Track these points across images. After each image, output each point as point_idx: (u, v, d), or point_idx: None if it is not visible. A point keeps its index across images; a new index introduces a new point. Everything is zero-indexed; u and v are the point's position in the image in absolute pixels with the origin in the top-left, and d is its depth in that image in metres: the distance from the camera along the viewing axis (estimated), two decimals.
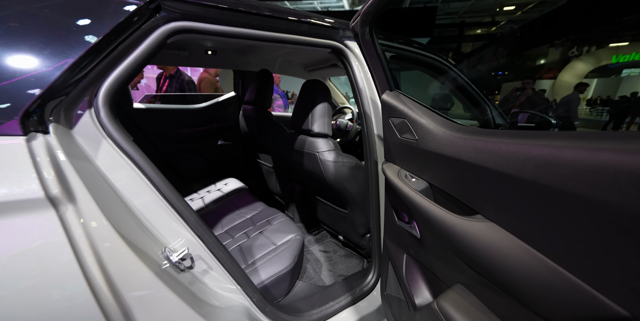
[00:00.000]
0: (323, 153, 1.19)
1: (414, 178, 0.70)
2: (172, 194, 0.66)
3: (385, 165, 0.83)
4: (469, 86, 1.45)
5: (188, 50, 1.70)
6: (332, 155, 1.19)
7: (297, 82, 2.20)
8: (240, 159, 2.43)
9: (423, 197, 0.63)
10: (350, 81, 1.10)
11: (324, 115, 1.22)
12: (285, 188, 1.91)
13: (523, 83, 4.33)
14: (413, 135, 0.69)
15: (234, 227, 1.38)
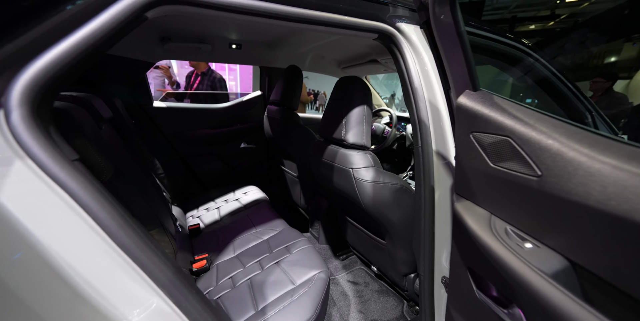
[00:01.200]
0: (359, 170, 0.92)
1: (528, 242, 0.41)
2: (134, 243, 0.43)
3: (462, 204, 0.54)
4: (563, 85, 1.08)
5: (210, 43, 1.53)
6: (370, 174, 0.91)
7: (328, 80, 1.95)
8: (263, 164, 2.25)
9: (555, 286, 0.34)
10: (402, 77, 0.82)
11: (362, 122, 0.95)
12: (310, 202, 1.67)
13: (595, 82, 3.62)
14: (530, 167, 0.40)
15: (247, 251, 1.17)
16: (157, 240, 0.97)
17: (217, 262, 1.13)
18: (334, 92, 1.06)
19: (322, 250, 1.59)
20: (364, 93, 0.96)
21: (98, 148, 0.83)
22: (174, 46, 1.47)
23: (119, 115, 1.25)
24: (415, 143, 0.81)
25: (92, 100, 0.94)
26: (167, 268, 0.47)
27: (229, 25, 1.35)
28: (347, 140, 0.96)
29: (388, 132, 2.04)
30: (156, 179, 1.54)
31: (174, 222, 1.28)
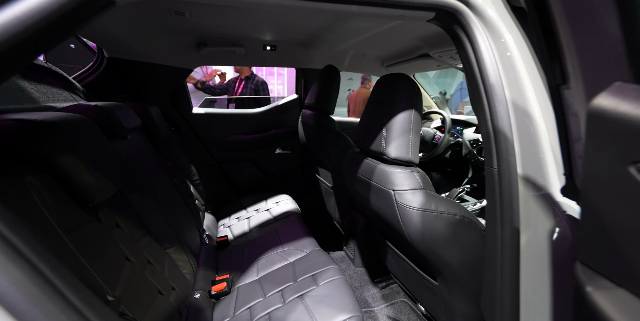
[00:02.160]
0: (403, 193, 0.72)
1: None
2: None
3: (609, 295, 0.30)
4: None
5: (244, 46, 1.46)
6: (418, 198, 0.70)
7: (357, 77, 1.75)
8: (298, 171, 2.13)
9: None
10: (469, 71, 0.59)
11: (408, 131, 0.74)
12: (346, 217, 1.49)
13: None
14: None
15: (271, 274, 1.04)
16: (175, 259, 0.89)
17: (239, 285, 1.02)
18: (374, 93, 0.86)
19: (358, 275, 1.39)
20: (411, 94, 0.75)
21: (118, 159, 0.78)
22: (208, 51, 1.43)
23: (152, 122, 1.23)
24: (488, 162, 0.58)
25: (117, 109, 0.90)
26: None
27: (263, 25, 1.26)
28: (387, 154, 0.76)
29: (439, 138, 1.74)
30: (190, 186, 1.53)
31: (200, 234, 1.23)
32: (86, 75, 1.39)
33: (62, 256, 0.41)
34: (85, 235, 0.53)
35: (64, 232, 0.46)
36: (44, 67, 1.12)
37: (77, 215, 0.54)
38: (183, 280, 0.87)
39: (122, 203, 0.75)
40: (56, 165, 0.50)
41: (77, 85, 1.28)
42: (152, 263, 0.74)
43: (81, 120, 0.62)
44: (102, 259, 0.55)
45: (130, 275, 0.62)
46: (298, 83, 1.95)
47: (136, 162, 0.95)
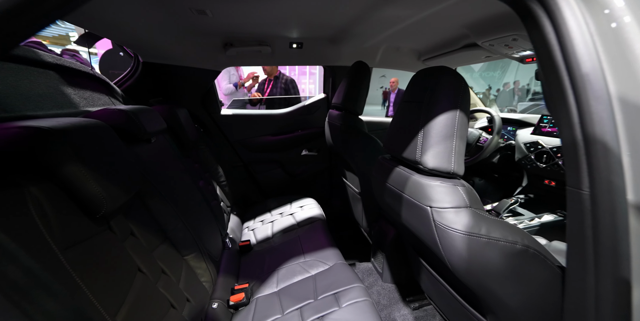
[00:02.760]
0: (443, 211, 0.59)
1: None
2: None
3: None
4: None
5: (270, 44, 1.41)
6: (463, 219, 0.57)
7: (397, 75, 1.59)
8: (325, 173, 2.05)
9: None
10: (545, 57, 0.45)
11: (452, 136, 0.61)
12: (374, 226, 1.37)
13: None
14: None
15: (291, 287, 0.97)
16: (193, 266, 0.87)
17: (258, 295, 0.98)
18: (408, 91, 0.74)
19: (386, 291, 1.27)
20: (457, 92, 0.62)
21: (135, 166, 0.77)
22: (235, 51, 1.41)
23: (179, 125, 1.24)
24: (573, 182, 0.43)
25: (142, 113, 0.90)
26: None
27: (289, 21, 1.19)
28: (424, 164, 0.63)
29: (485, 140, 1.53)
30: (217, 187, 1.53)
31: (223, 239, 1.21)
32: (125, 80, 1.45)
33: (55, 277, 0.38)
34: (91, 248, 0.51)
35: (60, 249, 0.43)
36: (88, 73, 1.18)
37: (84, 226, 0.51)
38: (200, 290, 0.84)
39: (140, 209, 0.73)
40: (61, 174, 0.48)
41: (117, 90, 1.34)
42: (167, 273, 0.71)
43: (96, 126, 0.61)
44: (108, 274, 0.52)
45: (141, 289, 0.59)
46: (325, 82, 1.86)
47: (159, 166, 0.94)
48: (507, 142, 1.50)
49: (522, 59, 1.18)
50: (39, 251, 0.39)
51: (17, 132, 0.45)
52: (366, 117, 1.98)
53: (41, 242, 0.40)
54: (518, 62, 1.21)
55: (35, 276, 0.36)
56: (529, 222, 1.22)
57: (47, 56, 0.97)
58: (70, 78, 1.06)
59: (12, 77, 0.81)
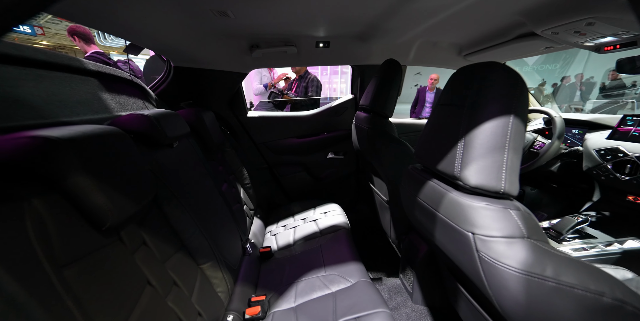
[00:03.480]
0: (490, 241, 0.47)
1: None
2: None
3: None
4: None
5: (296, 44, 1.35)
6: (518, 252, 0.45)
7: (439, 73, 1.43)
8: (351, 178, 1.96)
9: None
10: None
11: (503, 147, 0.49)
12: (403, 239, 1.25)
13: None
14: None
15: (308, 304, 0.90)
16: (209, 276, 0.84)
17: (274, 310, 0.93)
18: (445, 92, 0.62)
19: (417, 315, 1.14)
20: (511, 92, 0.49)
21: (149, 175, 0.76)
22: (260, 53, 1.38)
23: (204, 128, 1.24)
24: None
25: (164, 118, 0.90)
26: None
27: (314, 19, 1.12)
28: (464, 180, 0.52)
29: (541, 144, 1.31)
30: (241, 190, 1.53)
31: (243, 245, 1.19)
32: (159, 84, 1.51)
33: (41, 303, 0.35)
34: (95, 262, 0.49)
35: (56, 268, 0.41)
36: (126, 79, 1.24)
37: (90, 239, 0.50)
38: (215, 301, 0.81)
39: (156, 217, 0.72)
40: (66, 185, 0.46)
41: (151, 94, 1.39)
42: (178, 285, 0.68)
43: (110, 134, 0.59)
44: (112, 289, 0.50)
45: (148, 304, 0.56)
46: (354, 82, 1.76)
47: (179, 171, 0.94)
48: (570, 147, 1.26)
49: (598, 47, 0.95)
50: (28, 274, 0.37)
51: (26, 142, 0.44)
52: (397, 119, 1.84)
53: (32, 263, 0.38)
54: (591, 51, 0.99)
55: (15, 304, 0.33)
56: (604, 247, 0.98)
57: (90, 64, 1.02)
58: (109, 84, 1.11)
59: (55, 85, 0.85)
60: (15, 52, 0.74)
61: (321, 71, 6.82)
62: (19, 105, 0.70)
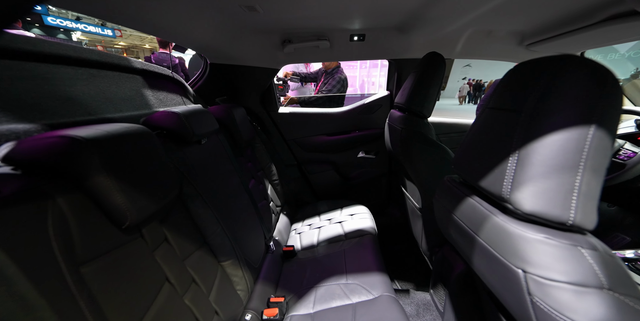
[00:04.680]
0: (549, 285, 0.37)
1: None
2: None
3: None
4: None
5: (329, 39, 1.29)
6: (594, 308, 0.34)
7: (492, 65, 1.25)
8: (382, 179, 1.86)
9: None
10: None
11: (576, 167, 0.38)
12: (435, 252, 1.14)
13: None
14: None
15: (326, 312, 0.87)
16: (229, 274, 0.85)
17: (292, 313, 0.91)
18: (497, 93, 0.52)
19: None
20: (595, 94, 0.38)
21: (181, 168, 0.77)
22: (292, 48, 1.35)
23: (234, 125, 1.26)
24: None
25: (194, 115, 0.92)
26: None
27: (349, 9, 1.05)
28: (515, 203, 0.42)
29: (630, 155, 1.07)
30: (269, 186, 1.54)
31: (266, 242, 1.19)
32: (197, 81, 1.57)
33: (50, 304, 0.36)
34: (115, 260, 0.50)
35: (74, 266, 0.42)
36: (167, 76, 1.30)
37: (112, 237, 0.51)
38: (233, 299, 0.82)
39: (179, 214, 0.73)
40: (88, 184, 0.47)
41: (190, 90, 1.45)
42: (197, 283, 0.69)
43: (135, 134, 0.60)
44: (131, 287, 0.51)
45: (166, 302, 0.57)
46: (390, 78, 1.64)
47: (206, 168, 0.95)
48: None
49: None
50: (43, 274, 0.38)
51: (54, 142, 0.46)
52: (438, 118, 1.68)
53: (49, 263, 0.39)
54: None
55: (26, 305, 0.34)
56: None
57: (136, 62, 1.08)
58: (152, 81, 1.17)
59: (104, 83, 0.92)
60: (73, 54, 0.80)
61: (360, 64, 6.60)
62: (71, 103, 0.76)
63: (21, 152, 0.45)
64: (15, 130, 0.57)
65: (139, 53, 15.67)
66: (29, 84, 0.66)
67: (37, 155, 0.45)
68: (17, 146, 0.45)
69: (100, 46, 13.32)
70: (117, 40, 13.46)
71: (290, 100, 2.51)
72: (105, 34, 12.15)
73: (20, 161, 0.45)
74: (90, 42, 12.66)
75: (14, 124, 0.58)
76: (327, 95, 2.39)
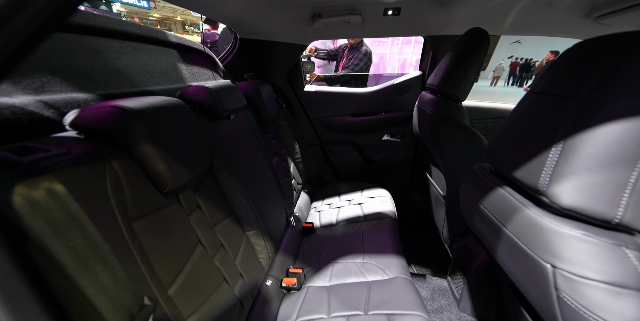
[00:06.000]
0: (581, 282, 0.36)
1: None
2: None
3: None
4: None
5: (361, 13, 1.21)
6: (630, 310, 0.33)
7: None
8: (407, 164, 1.81)
9: None
10: None
11: (629, 163, 0.34)
12: (457, 240, 1.12)
13: None
14: None
15: (342, 287, 0.91)
16: (252, 243, 0.91)
17: (309, 284, 0.97)
18: (547, 75, 0.46)
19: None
20: None
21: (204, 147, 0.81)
22: (322, 23, 1.29)
23: (260, 101, 1.27)
24: None
25: (224, 91, 0.93)
26: None
27: None
28: (552, 197, 0.39)
29: None
30: (291, 164, 1.57)
31: (287, 217, 1.24)
32: (226, 56, 1.57)
33: (113, 249, 0.41)
34: (158, 219, 0.56)
35: (127, 221, 0.47)
36: (200, 50, 1.32)
37: (155, 200, 0.56)
38: (256, 266, 0.88)
39: (209, 184, 0.78)
40: (136, 151, 0.52)
41: (220, 65, 1.47)
42: (225, 248, 0.75)
43: (173, 106, 0.63)
44: (170, 244, 0.57)
45: (198, 261, 0.64)
46: (424, 57, 1.53)
47: (234, 143, 0.99)
48: None
49: None
50: (105, 223, 0.44)
51: (109, 111, 0.50)
52: (473, 102, 1.57)
53: (108, 215, 0.45)
54: None
55: (97, 247, 0.39)
56: None
57: (172, 36, 1.10)
58: (186, 55, 1.20)
59: (145, 57, 0.95)
60: (119, 28, 0.83)
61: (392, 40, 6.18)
62: (118, 75, 0.81)
63: (83, 118, 0.50)
64: (77, 98, 0.63)
65: (171, 25, 15.97)
66: (85, 56, 0.71)
67: (96, 122, 0.49)
68: (80, 113, 0.50)
69: (136, 18, 13.78)
70: (151, 11, 13.92)
71: (317, 78, 2.45)
72: (141, 5, 12.64)
73: (83, 127, 0.50)
74: (127, 13, 13.09)
75: (75, 93, 0.64)
76: (354, 73, 2.29)
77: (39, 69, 0.59)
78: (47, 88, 0.59)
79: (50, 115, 0.56)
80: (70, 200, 0.38)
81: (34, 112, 0.54)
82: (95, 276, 0.38)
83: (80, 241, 0.38)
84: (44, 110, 0.55)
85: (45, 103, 0.56)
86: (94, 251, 0.39)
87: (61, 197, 0.37)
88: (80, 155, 0.45)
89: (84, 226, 0.39)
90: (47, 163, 0.40)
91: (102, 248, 0.40)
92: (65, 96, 0.61)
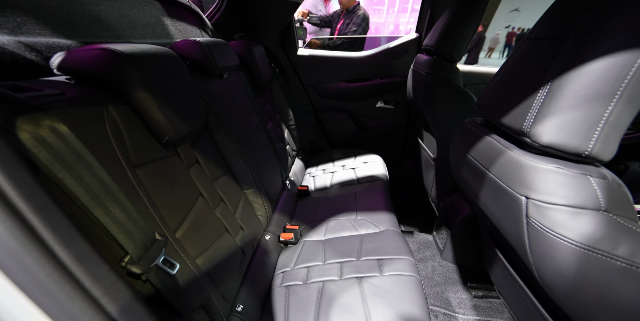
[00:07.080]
0: (548, 208, 0.40)
1: None
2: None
3: None
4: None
5: None
6: (584, 225, 0.38)
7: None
8: (400, 131, 1.84)
9: None
10: None
11: (611, 97, 0.37)
12: (444, 199, 1.20)
13: None
14: None
15: (336, 240, 0.98)
16: (251, 200, 0.94)
17: (305, 239, 1.03)
18: (544, 20, 0.47)
19: (444, 269, 1.16)
20: None
21: (200, 100, 0.80)
22: None
23: (253, 62, 1.22)
24: None
25: (216, 47, 0.89)
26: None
27: None
28: (533, 136, 0.42)
29: None
30: (285, 130, 1.57)
31: (283, 180, 1.27)
32: (214, 14, 1.46)
33: (122, 189, 0.43)
34: (159, 169, 0.56)
35: (130, 166, 0.48)
36: (185, 5, 1.22)
37: (154, 149, 0.56)
38: (255, 222, 0.93)
39: (207, 141, 0.78)
40: (131, 98, 0.51)
41: (208, 24, 1.37)
42: (225, 202, 0.78)
43: (167, 56, 0.61)
44: (173, 193, 0.59)
45: (201, 211, 0.66)
46: (421, 18, 1.46)
47: (228, 102, 0.97)
48: None
49: None
50: (110, 165, 0.44)
51: (98, 54, 0.48)
52: (467, 66, 1.56)
53: (112, 158, 0.45)
54: None
55: (106, 185, 0.40)
56: None
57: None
58: (171, 9, 1.11)
59: (125, 7, 0.88)
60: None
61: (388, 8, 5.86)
62: (100, 24, 0.75)
63: (72, 61, 0.48)
64: (60, 44, 0.60)
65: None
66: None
67: (85, 65, 0.47)
68: (67, 55, 0.48)
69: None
70: None
71: (311, 44, 2.33)
72: None
73: (73, 70, 0.48)
74: None
75: (57, 38, 0.60)
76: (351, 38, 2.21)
77: (10, 7, 0.54)
78: (23, 30, 0.55)
79: (34, 58, 0.53)
80: (73, 139, 0.38)
81: (15, 52, 0.51)
82: (108, 209, 0.39)
83: (89, 178, 0.38)
84: (26, 52, 0.52)
85: (26, 45, 0.53)
86: (104, 188, 0.40)
87: (64, 135, 0.37)
88: (75, 96, 0.43)
89: (90, 165, 0.39)
90: (44, 101, 0.39)
91: (111, 187, 0.41)
92: (47, 40, 0.57)
